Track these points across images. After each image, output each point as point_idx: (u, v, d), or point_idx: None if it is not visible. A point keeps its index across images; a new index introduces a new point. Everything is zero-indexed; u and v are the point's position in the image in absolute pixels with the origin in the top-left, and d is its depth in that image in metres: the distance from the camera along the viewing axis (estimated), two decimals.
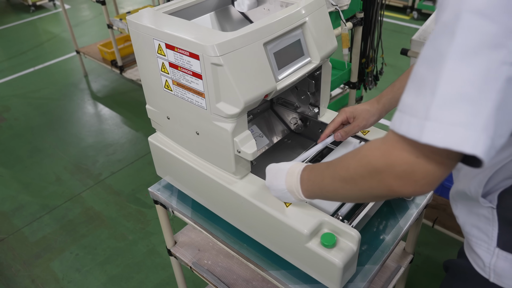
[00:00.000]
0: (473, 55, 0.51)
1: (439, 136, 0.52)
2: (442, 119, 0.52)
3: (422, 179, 0.58)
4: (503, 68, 0.50)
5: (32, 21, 5.88)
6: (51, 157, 3.14)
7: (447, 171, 0.58)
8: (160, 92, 1.14)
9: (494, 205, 0.77)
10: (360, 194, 0.71)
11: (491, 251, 0.79)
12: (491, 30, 0.50)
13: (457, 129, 0.51)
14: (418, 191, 0.60)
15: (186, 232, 1.58)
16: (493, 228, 0.78)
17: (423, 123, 0.54)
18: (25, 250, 2.39)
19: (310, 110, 1.33)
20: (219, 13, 1.30)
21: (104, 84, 4.13)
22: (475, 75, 0.51)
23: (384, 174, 0.62)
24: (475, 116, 0.51)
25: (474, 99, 0.51)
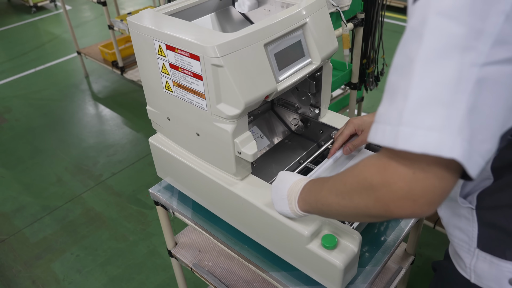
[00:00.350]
0: (442, 57, 0.50)
1: (415, 141, 0.51)
2: (416, 124, 0.51)
3: (421, 197, 0.54)
4: (473, 70, 0.49)
5: (33, 22, 5.89)
6: (52, 158, 3.14)
7: (448, 188, 0.54)
8: (160, 93, 1.13)
9: (473, 206, 0.77)
10: (355, 212, 0.67)
11: (472, 252, 0.79)
12: (458, 32, 0.49)
13: (432, 133, 0.50)
14: (417, 212, 0.56)
15: (187, 233, 1.58)
16: (473, 229, 0.78)
17: (397, 129, 0.52)
18: (26, 251, 2.39)
19: (311, 111, 1.33)
20: (219, 14, 1.30)
21: (105, 85, 4.13)
22: (446, 77, 0.50)
23: (380, 193, 0.58)
24: (449, 119, 0.49)
25: (446, 102, 0.50)
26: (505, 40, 0.49)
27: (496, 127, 0.52)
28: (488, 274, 0.77)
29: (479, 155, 0.51)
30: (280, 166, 1.28)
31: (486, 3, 0.48)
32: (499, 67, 0.49)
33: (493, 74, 0.49)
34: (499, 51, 0.49)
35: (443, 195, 0.54)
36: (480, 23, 0.49)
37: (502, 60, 0.49)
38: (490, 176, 0.74)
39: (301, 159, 1.29)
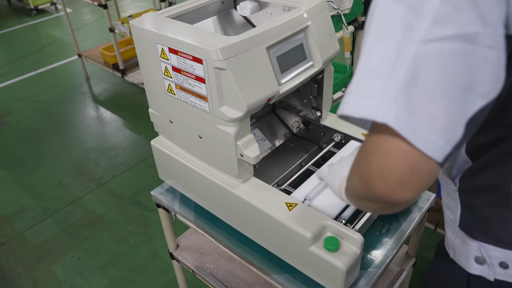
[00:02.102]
0: (386, 34, 0.55)
1: (356, 108, 0.56)
2: (359, 93, 0.56)
3: (389, 174, 0.54)
4: (413, 46, 0.53)
5: (34, 25, 5.90)
6: (52, 160, 3.14)
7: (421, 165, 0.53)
8: (163, 96, 1.14)
9: (456, 187, 0.82)
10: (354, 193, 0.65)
11: (454, 230, 0.85)
12: (399, 12, 0.54)
13: (370, 101, 0.55)
14: (389, 193, 0.55)
15: (189, 235, 1.58)
16: (457, 209, 0.84)
17: (347, 96, 0.58)
18: (27, 253, 2.39)
19: (312, 113, 1.33)
20: (221, 17, 1.31)
21: (106, 88, 4.14)
22: (387, 52, 0.55)
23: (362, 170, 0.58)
24: (386, 89, 0.54)
25: (386, 74, 0.54)
26: (444, 19, 0.52)
27: (449, 105, 0.52)
28: (460, 251, 0.84)
29: (433, 133, 0.52)
30: (281, 168, 1.28)
31: None
32: (440, 44, 0.52)
33: (435, 50, 0.52)
34: (439, 30, 0.52)
35: (414, 174, 0.53)
36: (419, 4, 0.53)
37: (442, 38, 0.52)
38: (467, 160, 0.78)
39: (302, 162, 1.30)
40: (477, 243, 0.80)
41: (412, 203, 0.79)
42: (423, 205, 1.23)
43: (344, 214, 1.03)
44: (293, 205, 1.02)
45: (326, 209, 1.04)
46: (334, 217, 1.02)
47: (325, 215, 1.00)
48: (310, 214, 1.00)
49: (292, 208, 1.01)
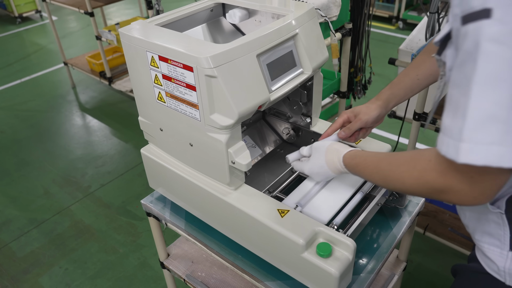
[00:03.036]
0: (496, 80, 0.56)
1: (476, 155, 0.58)
2: (475, 140, 0.58)
3: (481, 195, 0.64)
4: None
5: (18, 33, 5.83)
6: (39, 170, 3.09)
7: (502, 182, 0.62)
8: (153, 104, 1.13)
9: (502, 210, 0.80)
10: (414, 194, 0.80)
11: (505, 255, 0.81)
12: (509, 56, 0.55)
13: (492, 148, 0.57)
14: (477, 203, 0.65)
15: (179, 244, 1.57)
16: (505, 233, 0.81)
17: (458, 144, 0.59)
18: (13, 265, 2.34)
19: (302, 120, 1.34)
20: (210, 25, 1.31)
21: (93, 96, 4.10)
22: (502, 97, 0.56)
23: (445, 193, 0.68)
24: (508, 134, 0.56)
25: (504, 119, 0.56)
26: None
27: None
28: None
29: None
30: (272, 175, 1.28)
31: None
32: None
33: None
34: None
35: (499, 189, 0.63)
36: None
37: None
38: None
39: (293, 168, 1.30)
40: None
41: None
42: (413, 210, 1.25)
43: (336, 220, 1.03)
44: (285, 211, 1.02)
45: (318, 215, 1.04)
46: (326, 223, 1.03)
47: (317, 221, 1.00)
48: (302, 220, 1.00)
49: (284, 214, 1.01)
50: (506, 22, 0.54)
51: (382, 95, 1.12)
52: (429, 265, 2.16)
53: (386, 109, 1.12)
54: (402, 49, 2.41)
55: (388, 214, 1.25)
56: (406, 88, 1.11)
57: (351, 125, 1.11)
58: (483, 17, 0.56)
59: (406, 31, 5.02)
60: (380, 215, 1.24)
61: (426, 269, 2.14)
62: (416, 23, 4.74)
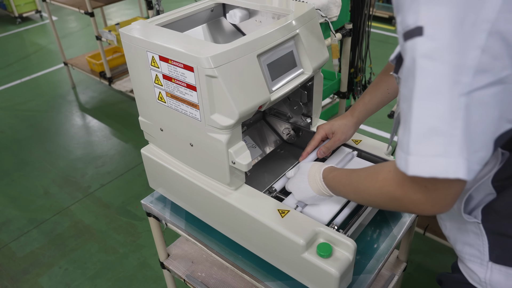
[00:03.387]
0: (434, 93, 0.58)
1: (422, 167, 0.59)
2: (421, 153, 0.59)
3: (437, 203, 0.64)
4: (462, 99, 0.56)
5: (18, 33, 5.83)
6: (38, 170, 3.09)
7: (457, 190, 0.63)
8: (153, 104, 1.13)
9: (479, 220, 0.80)
10: (382, 207, 0.83)
11: (485, 266, 0.81)
12: (442, 70, 0.57)
13: (436, 160, 0.58)
14: (436, 212, 0.66)
15: (179, 244, 1.57)
16: (483, 243, 0.80)
17: (407, 157, 0.61)
18: (13, 265, 2.34)
19: (302, 120, 1.34)
20: (211, 25, 1.31)
21: (93, 96, 4.10)
22: (440, 110, 0.57)
23: (403, 202, 0.69)
24: (449, 145, 0.57)
25: (444, 131, 0.57)
26: (484, 69, 0.56)
27: (488, 138, 0.60)
28: (505, 285, 0.79)
29: (475, 163, 0.59)
30: (272, 175, 1.28)
31: (463, 41, 0.55)
32: (483, 91, 0.57)
33: (478, 98, 0.57)
34: (480, 79, 0.56)
35: (455, 197, 0.64)
36: (460, 59, 0.56)
37: (484, 85, 0.56)
38: (492, 191, 0.77)
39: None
40: None
41: None
42: None
43: (336, 220, 1.03)
44: (286, 211, 1.02)
45: (318, 216, 1.04)
46: (327, 223, 1.03)
47: (318, 221, 1.00)
48: (302, 220, 1.00)
49: (285, 215, 1.01)
50: (436, 39, 0.56)
51: (357, 112, 1.18)
52: (429, 265, 2.16)
53: (359, 124, 1.21)
54: None
55: (388, 214, 1.25)
56: (378, 102, 1.17)
57: (330, 146, 1.19)
58: (416, 35, 0.58)
59: None
60: (380, 215, 1.24)
61: (426, 269, 2.14)
62: None
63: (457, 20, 0.55)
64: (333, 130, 1.18)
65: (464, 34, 0.55)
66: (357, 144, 1.27)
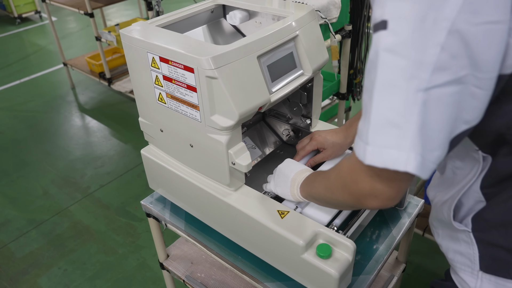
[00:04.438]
0: (391, 87, 0.59)
1: (377, 158, 0.61)
2: (377, 143, 0.61)
3: (381, 194, 0.66)
4: (418, 95, 0.57)
5: (17, 33, 5.83)
6: (38, 170, 3.09)
7: (403, 186, 0.65)
8: (153, 104, 1.14)
9: (469, 228, 0.80)
10: (337, 202, 0.82)
11: (475, 275, 0.81)
12: (402, 65, 0.58)
13: (389, 151, 0.59)
14: (380, 205, 0.68)
15: (179, 245, 1.57)
16: (474, 252, 0.80)
17: (364, 146, 0.62)
18: (12, 266, 2.34)
19: (302, 121, 1.34)
20: (211, 26, 1.31)
21: (92, 96, 4.10)
22: (396, 103, 0.59)
23: (352, 189, 0.71)
24: (402, 138, 0.58)
25: (398, 124, 0.59)
26: (443, 67, 0.56)
27: (444, 137, 0.60)
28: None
29: (431, 162, 0.60)
30: None
31: (423, 37, 0.56)
32: (441, 89, 0.57)
33: (436, 95, 0.57)
34: (439, 77, 0.57)
35: (400, 192, 0.66)
36: (419, 55, 0.56)
37: (442, 84, 0.57)
38: (481, 198, 0.77)
39: None
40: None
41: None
42: (412, 211, 1.25)
43: (336, 221, 1.03)
44: (285, 212, 1.03)
45: (318, 216, 1.05)
46: (326, 224, 1.03)
47: (317, 222, 1.01)
48: (302, 221, 1.00)
49: (284, 215, 1.02)
50: (398, 33, 0.57)
51: (352, 132, 1.17)
52: (428, 266, 2.16)
53: (351, 144, 1.20)
54: None
55: (388, 215, 1.25)
56: None
57: (318, 160, 1.21)
58: (381, 28, 0.59)
59: None
60: (380, 216, 1.25)
61: (425, 270, 2.15)
62: None
63: (419, 17, 0.56)
64: (325, 146, 1.19)
65: (425, 31, 0.56)
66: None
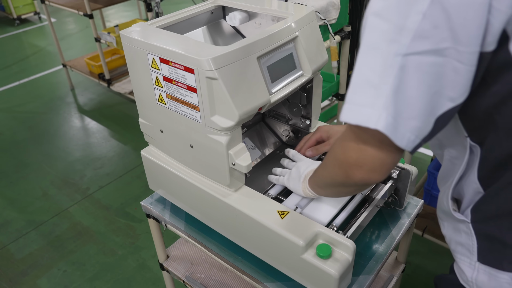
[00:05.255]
0: (373, 48, 0.62)
1: (352, 115, 0.64)
2: (353, 101, 0.64)
3: (365, 164, 0.68)
4: (397, 59, 0.60)
5: (17, 35, 5.83)
6: (37, 171, 3.09)
7: (387, 158, 0.67)
8: (153, 105, 1.14)
9: (469, 219, 0.81)
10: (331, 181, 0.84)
11: (473, 266, 0.81)
12: (385, 28, 0.61)
13: (363, 109, 0.62)
14: (365, 178, 0.69)
15: (179, 245, 1.57)
16: (473, 243, 0.81)
17: (345, 104, 0.66)
18: (11, 267, 2.33)
19: (301, 122, 1.34)
20: (211, 27, 1.32)
21: (91, 98, 4.10)
22: (375, 64, 0.61)
23: (339, 161, 0.73)
24: (376, 98, 0.61)
25: (375, 84, 0.61)
26: (423, 35, 0.58)
27: (423, 107, 0.61)
28: (488, 286, 0.79)
29: (408, 131, 0.62)
30: None
31: (407, 4, 0.59)
32: (420, 57, 0.59)
33: (415, 62, 0.59)
34: (418, 44, 0.59)
35: (384, 164, 0.67)
36: (402, 20, 0.59)
37: (422, 52, 0.59)
38: (480, 189, 0.77)
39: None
40: (508, 275, 0.75)
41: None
42: (412, 211, 1.25)
43: (336, 221, 1.04)
44: (285, 213, 1.03)
45: (317, 217, 1.05)
46: (326, 224, 1.03)
47: (317, 222, 1.01)
48: (302, 221, 1.00)
49: (284, 216, 1.02)
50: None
51: None
52: (428, 267, 2.17)
53: None
54: None
55: (387, 216, 1.25)
56: None
57: (321, 149, 1.19)
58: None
59: None
60: (379, 216, 1.25)
61: (425, 271, 2.15)
62: None
63: None
64: (330, 134, 1.18)
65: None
66: None
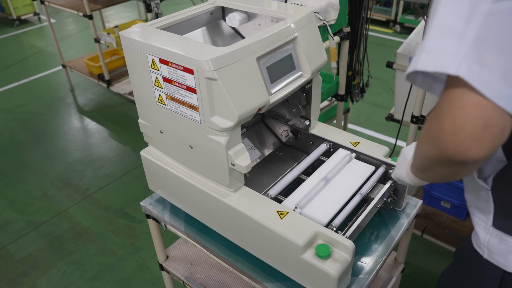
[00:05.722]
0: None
1: (429, 62, 0.59)
2: (432, 49, 0.60)
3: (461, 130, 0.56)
4: (485, 6, 0.57)
5: (16, 35, 5.82)
6: (37, 172, 3.09)
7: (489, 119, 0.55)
8: (153, 106, 1.14)
9: (489, 187, 0.84)
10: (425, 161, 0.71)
11: (487, 230, 0.87)
12: None
13: (444, 56, 0.58)
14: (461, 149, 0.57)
15: (178, 246, 1.58)
16: (490, 209, 0.86)
17: (420, 54, 0.61)
18: (11, 268, 2.33)
19: (301, 122, 1.35)
20: (210, 28, 1.32)
21: (91, 98, 4.10)
22: (460, 11, 0.59)
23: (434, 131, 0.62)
24: (459, 45, 0.58)
25: (459, 32, 0.58)
26: None
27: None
28: (497, 249, 0.86)
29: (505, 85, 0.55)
30: (271, 177, 1.29)
31: None
32: (509, 2, 0.56)
33: (504, 8, 0.57)
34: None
35: (487, 129, 0.55)
36: None
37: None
38: (503, 158, 0.79)
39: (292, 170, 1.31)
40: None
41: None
42: (411, 212, 1.26)
43: (335, 222, 1.04)
44: (285, 213, 1.03)
45: (317, 217, 1.05)
46: (325, 224, 1.03)
47: (316, 222, 1.01)
48: (301, 222, 1.01)
49: (284, 216, 1.02)
50: None
51: None
52: (427, 267, 2.17)
53: None
54: (400, 53, 2.43)
55: (386, 216, 1.25)
56: None
57: None
58: None
59: (403, 35, 5.05)
60: (379, 217, 1.25)
61: (424, 271, 2.15)
62: (413, 26, 4.77)
63: None
64: None
65: None
66: (355, 146, 1.28)
